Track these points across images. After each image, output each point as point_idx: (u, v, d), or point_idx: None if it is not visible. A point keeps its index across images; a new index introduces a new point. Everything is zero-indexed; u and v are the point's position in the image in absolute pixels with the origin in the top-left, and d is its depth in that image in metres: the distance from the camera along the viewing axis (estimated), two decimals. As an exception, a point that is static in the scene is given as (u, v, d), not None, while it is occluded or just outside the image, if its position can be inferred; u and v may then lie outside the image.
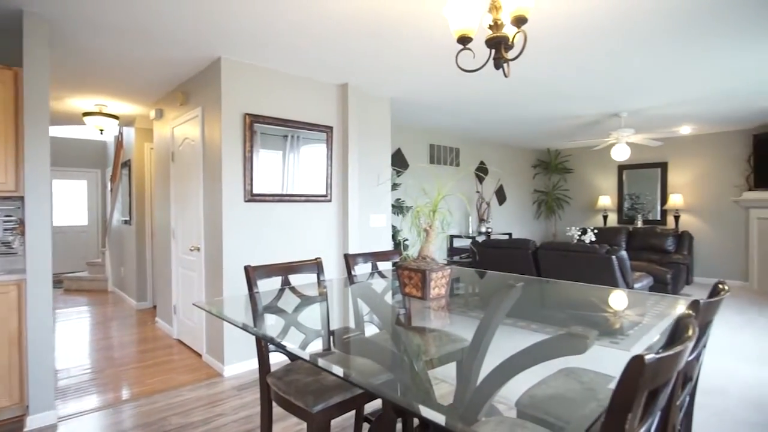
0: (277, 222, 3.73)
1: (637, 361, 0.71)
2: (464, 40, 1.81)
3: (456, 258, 6.42)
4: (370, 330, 1.95)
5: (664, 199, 7.45)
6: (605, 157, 7.81)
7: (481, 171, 7.63)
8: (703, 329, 1.33)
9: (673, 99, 4.74)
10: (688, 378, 1.36)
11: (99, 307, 5.80)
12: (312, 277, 2.28)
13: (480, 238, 6.82)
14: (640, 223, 7.64)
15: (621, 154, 5.43)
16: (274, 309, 1.97)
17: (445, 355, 1.89)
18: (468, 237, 6.85)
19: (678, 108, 5.15)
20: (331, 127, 4.11)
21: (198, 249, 3.75)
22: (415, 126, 6.36)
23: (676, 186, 7.34)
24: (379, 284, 2.49)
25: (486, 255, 5.08)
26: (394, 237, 4.93)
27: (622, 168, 8.04)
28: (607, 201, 8.06)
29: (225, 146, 3.40)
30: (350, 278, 2.40)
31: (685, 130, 6.56)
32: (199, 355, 3.79)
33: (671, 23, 2.79)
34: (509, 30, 1.78)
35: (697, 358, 1.32)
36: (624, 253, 4.05)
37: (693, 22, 2.77)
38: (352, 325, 2.11)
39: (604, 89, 4.34)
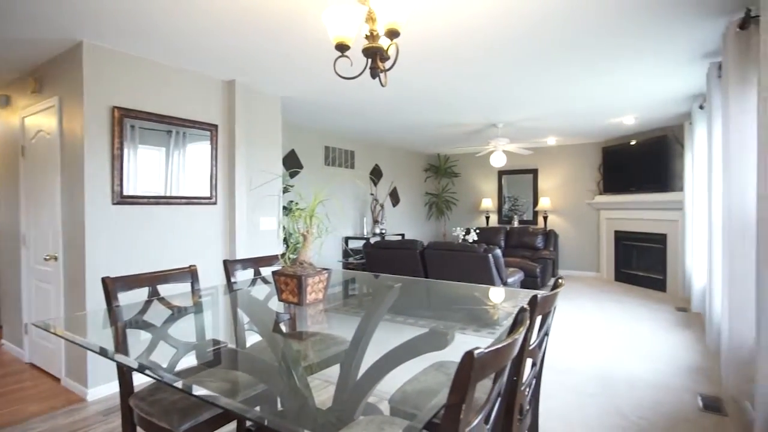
0: (156, 227, 3.42)
1: (467, 357, 0.79)
2: (342, 48, 1.85)
3: (351, 259, 6.50)
4: (253, 340, 1.89)
5: (535, 202, 8.37)
6: (487, 163, 8.52)
7: (376, 173, 7.83)
8: (544, 319, 1.52)
9: (539, 113, 5.35)
10: (534, 362, 1.54)
11: None
12: (187, 287, 2.13)
13: (375, 239, 6.99)
14: (516, 223, 8.49)
15: (498, 160, 5.98)
16: (139, 324, 1.80)
17: (327, 359, 1.91)
18: (363, 238, 6.98)
19: (543, 121, 5.83)
20: (216, 126, 3.90)
21: (55, 258, 3.28)
22: (309, 127, 6.30)
23: (545, 190, 8.29)
24: (263, 290, 2.42)
25: (378, 256, 5.22)
26: (286, 240, 4.83)
27: (501, 173, 8.85)
28: (489, 203, 8.80)
29: (88, 142, 3.03)
30: (230, 285, 2.30)
31: (551, 141, 7.45)
32: (58, 380, 3.32)
33: (535, 50, 3.15)
34: (385, 41, 1.86)
35: (540, 345, 1.50)
36: (498, 252, 4.46)
37: (551, 50, 3.16)
38: (231, 335, 2.02)
39: (483, 102, 4.75)
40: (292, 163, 6.11)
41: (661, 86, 4.23)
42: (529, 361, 1.48)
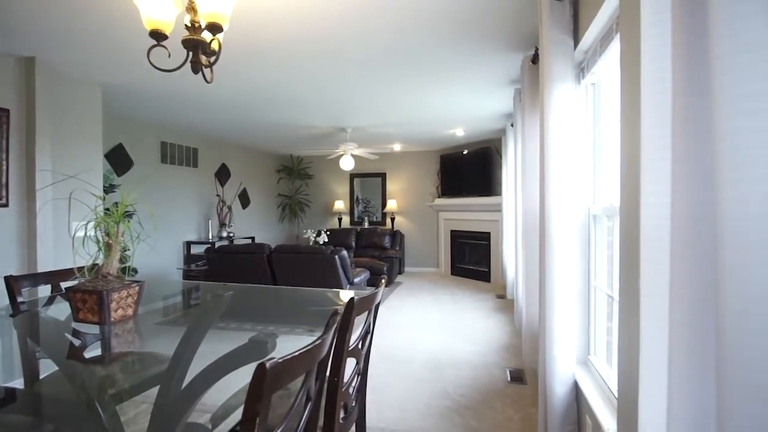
0: None
1: (260, 369, 0.78)
2: (158, 36, 1.67)
3: (193, 266, 5.98)
4: (48, 371, 1.59)
5: (384, 204, 8.86)
6: (339, 166, 8.72)
7: (223, 173, 7.35)
8: (367, 317, 1.60)
9: (383, 121, 5.68)
10: (357, 361, 1.61)
11: None
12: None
13: (222, 244, 6.55)
14: (367, 225, 8.86)
15: (347, 164, 6.17)
16: None
17: (144, 381, 1.71)
18: (208, 243, 6.48)
19: (389, 129, 6.21)
20: (7, 110, 3.20)
21: None
22: (142, 120, 5.59)
23: (392, 192, 8.84)
24: (63, 310, 2.05)
25: (222, 262, 4.91)
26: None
27: (353, 176, 9.14)
28: (341, 205, 9.01)
29: None
30: (14, 306, 1.89)
31: (397, 147, 7.97)
32: None
33: (369, 59, 3.32)
34: (210, 35, 1.74)
35: (362, 344, 1.58)
36: (345, 253, 4.60)
37: (389, 64, 3.37)
38: (14, 368, 1.68)
39: (328, 106, 4.83)
40: (119, 159, 5.35)
41: (483, 105, 4.86)
42: (352, 360, 1.55)
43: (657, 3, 0.81)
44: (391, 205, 8.57)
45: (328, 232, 7.07)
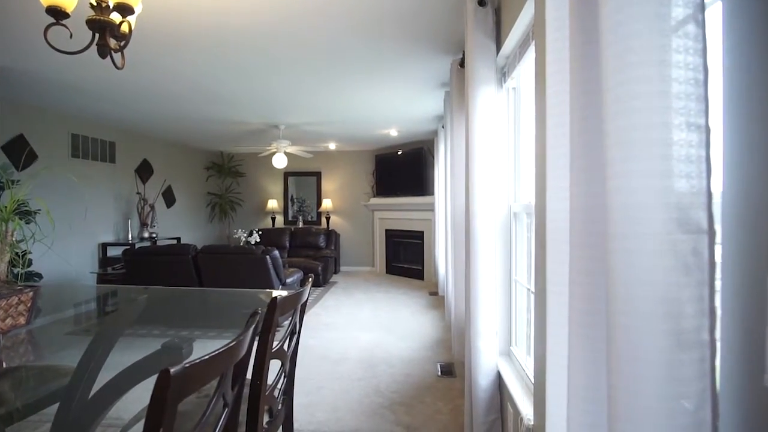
0: None
1: (163, 376, 0.72)
2: (56, 13, 1.51)
3: (110, 269, 5.51)
4: None
5: (319, 203, 8.75)
6: (272, 164, 8.47)
7: (145, 169, 6.85)
8: (290, 317, 1.56)
9: (317, 119, 5.61)
10: (282, 363, 1.57)
11: None
12: None
13: (143, 245, 6.10)
14: (301, 224, 8.70)
15: (280, 162, 6.01)
16: None
17: (41, 399, 1.55)
18: (127, 244, 6.01)
19: (323, 127, 6.13)
20: None
21: None
22: (49, 109, 5.06)
23: (328, 192, 8.75)
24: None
25: (142, 264, 4.57)
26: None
27: (287, 174, 8.93)
28: (275, 204, 8.77)
29: None
30: None
31: (332, 146, 7.91)
32: None
33: (307, 58, 3.25)
34: (118, 16, 1.60)
35: (288, 345, 1.53)
36: (276, 253, 4.47)
37: (320, 59, 3.32)
38: None
39: (262, 101, 4.67)
40: (19, 152, 4.79)
41: (415, 106, 4.95)
42: (277, 362, 1.50)
43: (558, 11, 0.87)
44: (327, 204, 8.49)
45: (260, 232, 6.85)
